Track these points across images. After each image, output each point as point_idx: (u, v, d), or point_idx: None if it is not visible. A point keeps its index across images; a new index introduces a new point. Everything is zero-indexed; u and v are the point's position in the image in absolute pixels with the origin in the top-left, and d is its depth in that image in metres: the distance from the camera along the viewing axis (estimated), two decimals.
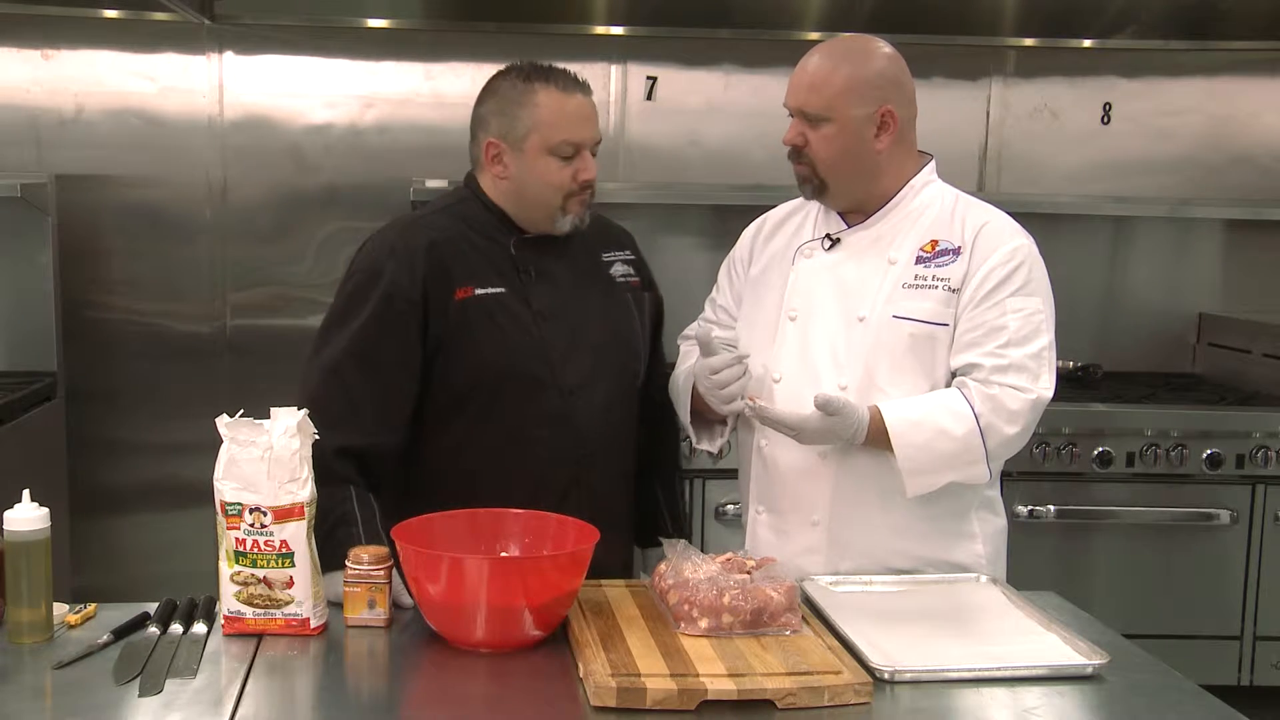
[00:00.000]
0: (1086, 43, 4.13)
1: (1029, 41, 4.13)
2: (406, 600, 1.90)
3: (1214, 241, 4.31)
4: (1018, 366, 2.07)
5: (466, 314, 2.15)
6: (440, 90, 3.95)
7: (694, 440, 2.33)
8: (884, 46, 2.18)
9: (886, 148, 2.14)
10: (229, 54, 3.90)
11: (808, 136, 2.13)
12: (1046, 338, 2.11)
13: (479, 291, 2.17)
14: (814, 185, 2.17)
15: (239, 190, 3.94)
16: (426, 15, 4.06)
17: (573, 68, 2.19)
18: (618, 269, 2.34)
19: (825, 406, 2.00)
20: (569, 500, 2.14)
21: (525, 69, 2.18)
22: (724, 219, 4.02)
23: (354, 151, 3.96)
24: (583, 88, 2.18)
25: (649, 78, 4.02)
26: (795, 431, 2.06)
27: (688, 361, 2.33)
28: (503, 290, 2.18)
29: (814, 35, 3.86)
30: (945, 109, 4.03)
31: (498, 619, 1.77)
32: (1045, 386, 2.09)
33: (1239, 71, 4.22)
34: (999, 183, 4.16)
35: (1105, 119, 4.18)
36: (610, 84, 4.01)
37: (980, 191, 3.98)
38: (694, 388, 2.23)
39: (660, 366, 2.43)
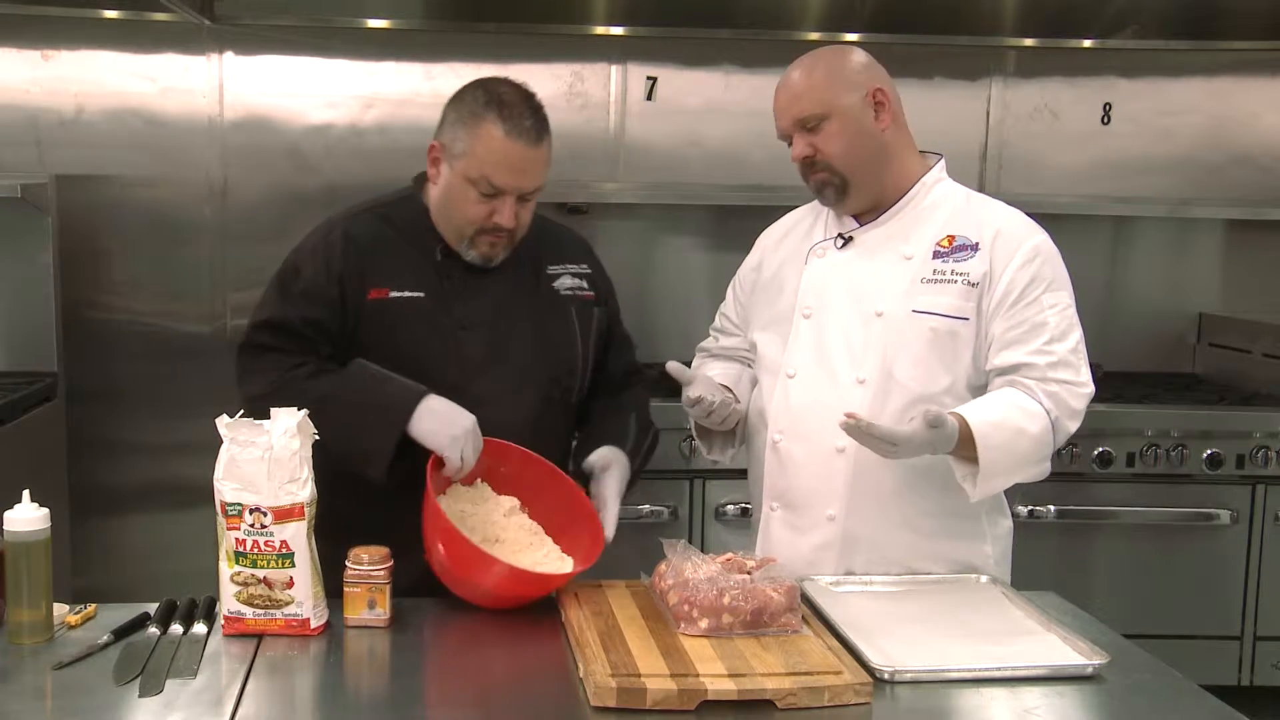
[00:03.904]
0: (1086, 43, 4.13)
1: (1029, 41, 4.13)
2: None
3: (1214, 241, 4.31)
4: (1064, 362, 2.10)
5: (381, 316, 2.13)
6: (440, 90, 3.91)
7: (704, 451, 2.35)
8: (856, 49, 2.22)
9: (889, 127, 2.16)
10: (229, 54, 3.89)
11: (814, 144, 2.13)
12: (1079, 330, 2.15)
13: (394, 294, 2.14)
14: (835, 187, 2.16)
15: (239, 190, 3.94)
16: (426, 15, 4.06)
17: (573, 68, 2.17)
18: (565, 281, 2.28)
19: (935, 422, 1.94)
20: None
21: (491, 92, 2.09)
22: (724, 219, 4.01)
23: (354, 151, 3.95)
24: (528, 136, 2.07)
25: (649, 78, 4.01)
26: (895, 448, 1.99)
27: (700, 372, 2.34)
28: (421, 295, 2.15)
29: (814, 35, 3.85)
30: (945, 109, 4.02)
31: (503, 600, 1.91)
32: (1088, 378, 2.12)
33: (1239, 71, 4.22)
34: (999, 183, 4.15)
35: (1105, 119, 4.18)
36: (610, 84, 3.99)
37: (980, 191, 3.99)
38: None
39: (606, 379, 2.34)
